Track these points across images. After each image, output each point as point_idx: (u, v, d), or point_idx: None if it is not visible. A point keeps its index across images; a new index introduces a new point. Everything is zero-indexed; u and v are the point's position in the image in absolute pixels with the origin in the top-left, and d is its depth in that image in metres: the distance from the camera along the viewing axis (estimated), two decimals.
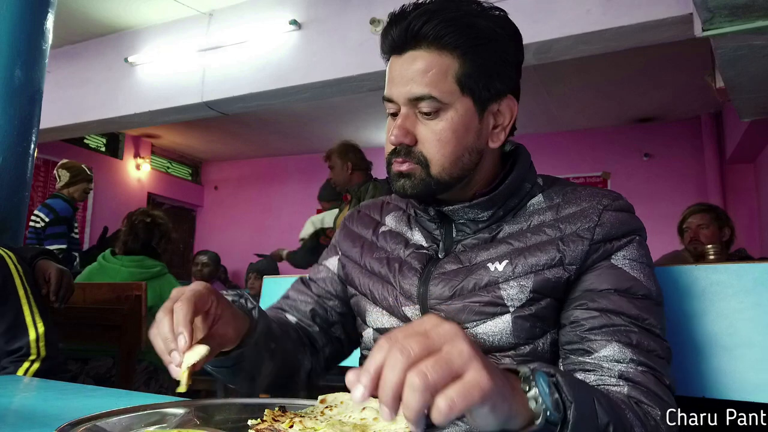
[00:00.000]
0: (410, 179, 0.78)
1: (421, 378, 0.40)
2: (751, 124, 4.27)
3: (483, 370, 0.43)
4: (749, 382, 0.84)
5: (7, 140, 2.30)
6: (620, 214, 0.76)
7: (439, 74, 0.74)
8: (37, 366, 1.34)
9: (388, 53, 0.80)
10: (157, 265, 2.35)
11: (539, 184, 0.84)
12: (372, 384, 0.43)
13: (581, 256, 0.73)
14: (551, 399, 0.50)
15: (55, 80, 4.55)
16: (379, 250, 0.90)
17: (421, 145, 0.76)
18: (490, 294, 0.75)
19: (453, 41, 0.74)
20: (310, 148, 7.41)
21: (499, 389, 0.44)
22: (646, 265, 0.75)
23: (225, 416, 0.60)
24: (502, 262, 0.76)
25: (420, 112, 0.76)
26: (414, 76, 0.75)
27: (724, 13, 2.36)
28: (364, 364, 0.44)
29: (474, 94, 0.76)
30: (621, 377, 0.66)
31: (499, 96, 0.78)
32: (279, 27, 4.00)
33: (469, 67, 0.75)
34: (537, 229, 0.77)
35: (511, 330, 0.74)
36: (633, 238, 0.76)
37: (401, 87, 0.76)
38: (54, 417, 0.61)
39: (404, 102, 0.76)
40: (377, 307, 0.86)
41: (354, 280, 0.91)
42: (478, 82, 0.76)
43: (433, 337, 0.44)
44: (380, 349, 0.44)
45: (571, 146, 6.27)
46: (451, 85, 0.75)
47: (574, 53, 3.27)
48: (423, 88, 0.74)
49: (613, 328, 0.69)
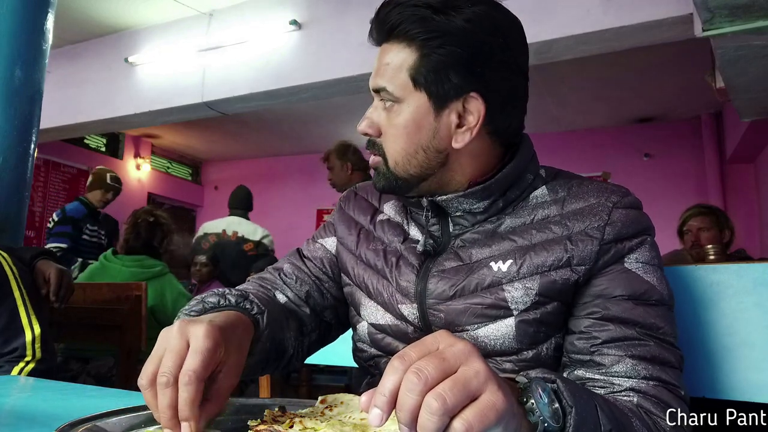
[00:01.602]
0: (377, 173, 0.78)
1: (440, 401, 0.40)
2: (751, 124, 4.27)
3: (499, 391, 0.42)
4: (749, 382, 0.84)
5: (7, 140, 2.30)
6: (630, 211, 0.72)
7: (395, 67, 0.73)
8: (32, 367, 1.34)
9: (376, 46, 0.79)
10: (158, 265, 2.35)
11: (542, 176, 0.80)
12: (388, 407, 0.42)
13: (591, 257, 0.69)
14: (550, 409, 0.49)
15: (55, 80, 4.55)
16: (375, 241, 0.85)
17: (383, 137, 0.76)
18: (494, 295, 0.71)
19: (409, 32, 0.72)
20: (310, 148, 7.41)
21: (511, 406, 0.44)
22: (658, 267, 0.72)
23: (225, 416, 0.60)
24: (506, 261, 0.72)
25: (384, 104, 0.76)
26: (380, 67, 0.75)
27: (724, 13, 2.36)
28: (378, 386, 0.43)
29: (426, 89, 0.72)
30: (632, 390, 0.65)
31: (458, 94, 0.72)
32: (279, 27, 4.00)
33: (423, 61, 0.72)
34: (542, 226, 0.73)
35: (514, 334, 0.70)
36: (645, 238, 0.72)
37: (372, 78, 0.76)
38: (54, 417, 0.61)
39: (374, 93, 0.77)
40: (372, 301, 0.82)
41: (348, 270, 0.87)
42: (428, 77, 0.72)
43: (448, 358, 0.43)
44: (395, 371, 0.43)
45: (571, 146, 6.26)
46: (404, 79, 0.73)
47: (574, 53, 3.27)
48: (381, 81, 0.74)
49: (626, 342, 0.66)
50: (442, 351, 0.44)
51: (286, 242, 6.94)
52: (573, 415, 0.50)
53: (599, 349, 0.67)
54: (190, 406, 0.51)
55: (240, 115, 5.39)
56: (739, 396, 0.84)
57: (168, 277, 2.37)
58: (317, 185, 6.80)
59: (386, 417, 0.43)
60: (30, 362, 1.33)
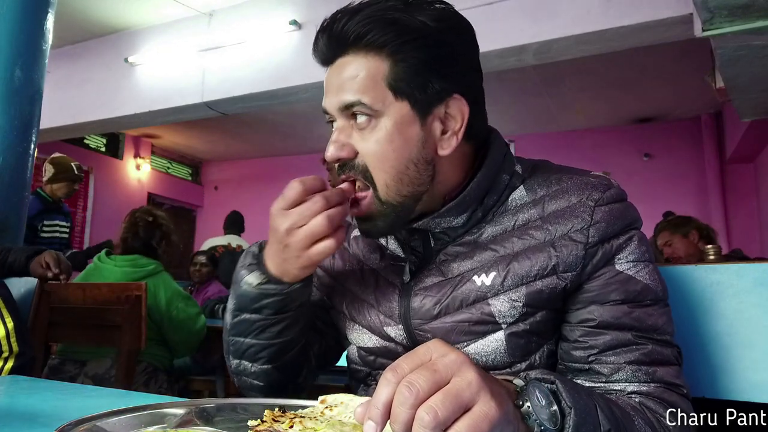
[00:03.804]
0: (367, 216, 0.70)
1: (432, 415, 0.40)
2: (751, 124, 4.28)
3: (492, 401, 0.42)
4: (749, 382, 0.84)
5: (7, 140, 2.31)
6: (614, 207, 0.68)
7: (368, 79, 0.67)
8: (11, 364, 1.34)
9: (322, 65, 0.73)
10: (151, 264, 2.34)
11: (518, 173, 0.74)
12: (382, 420, 0.43)
13: (577, 263, 0.66)
14: (547, 411, 0.49)
15: (55, 80, 4.55)
16: (351, 258, 0.82)
17: (361, 158, 0.68)
18: (479, 311, 0.68)
19: (377, 40, 0.66)
20: (310, 148, 7.42)
21: (505, 414, 0.44)
22: (649, 262, 0.69)
23: (225, 416, 0.60)
24: (489, 274, 0.68)
25: (355, 122, 0.68)
26: (343, 83, 0.68)
27: (724, 13, 2.36)
28: (372, 399, 0.43)
29: (409, 97, 0.67)
30: (633, 393, 0.64)
31: (441, 97, 0.68)
32: (279, 27, 4.00)
33: (400, 67, 0.66)
34: (523, 232, 0.70)
35: (505, 348, 0.68)
36: (632, 234, 0.69)
37: (333, 97, 0.69)
38: (54, 417, 0.61)
39: (337, 112, 0.69)
40: (357, 325, 0.79)
41: (329, 295, 0.84)
42: (410, 83, 0.67)
43: (440, 369, 0.43)
44: (387, 383, 0.43)
45: (571, 146, 6.27)
46: (382, 90, 0.67)
47: (574, 53, 3.27)
48: (352, 95, 0.67)
49: (623, 348, 0.65)
50: (434, 362, 0.44)
51: None
52: (572, 416, 0.50)
53: (597, 358, 0.66)
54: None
55: (240, 115, 5.39)
56: (739, 396, 0.84)
57: (162, 276, 2.35)
58: None
59: (380, 429, 0.43)
60: (8, 358, 1.34)
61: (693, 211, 5.57)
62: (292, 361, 0.79)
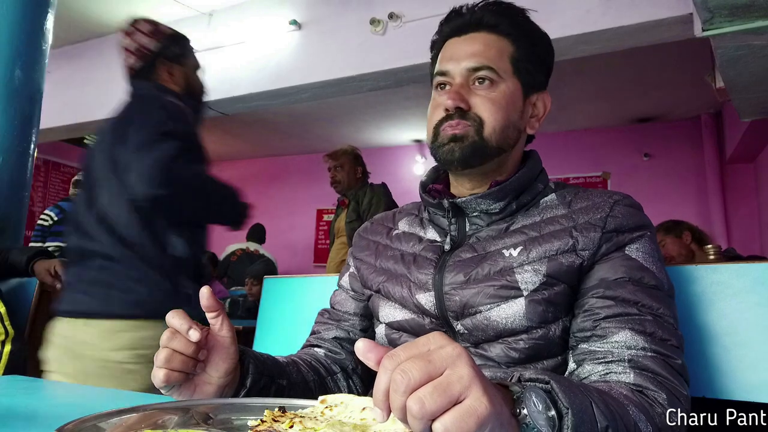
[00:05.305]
0: (461, 141, 0.83)
1: (419, 405, 0.41)
2: (751, 124, 4.27)
3: (482, 397, 0.43)
4: (749, 382, 0.84)
5: (7, 140, 2.31)
6: (631, 209, 0.80)
7: (497, 52, 0.85)
8: (9, 348, 1.35)
9: (447, 36, 0.90)
10: None
11: (551, 187, 0.88)
12: (384, 405, 0.44)
13: (594, 243, 0.76)
14: (545, 416, 0.49)
15: (55, 80, 4.55)
16: (393, 250, 0.92)
17: (475, 109, 0.83)
18: (505, 278, 0.77)
19: (507, 29, 0.86)
20: (310, 148, 7.41)
21: (497, 414, 0.44)
22: (658, 260, 0.78)
23: (225, 416, 0.60)
24: (517, 249, 0.79)
25: (477, 81, 0.84)
26: (475, 51, 0.85)
27: (724, 13, 2.36)
28: (374, 385, 0.45)
29: (522, 77, 0.86)
30: (629, 363, 0.68)
31: (540, 87, 0.89)
32: (279, 27, 4.00)
33: (521, 52, 0.86)
34: (550, 221, 0.81)
35: (524, 313, 0.75)
36: (645, 233, 0.79)
37: (461, 60, 0.85)
38: (54, 417, 0.61)
39: (461, 73, 0.85)
40: (389, 301, 0.88)
41: (368, 281, 0.93)
42: (527, 66, 0.86)
43: (434, 360, 0.44)
44: (384, 371, 0.44)
45: (571, 146, 6.27)
46: (507, 64, 0.85)
47: (574, 53, 3.27)
48: (484, 60, 0.84)
49: (627, 317, 0.71)
50: (430, 353, 0.44)
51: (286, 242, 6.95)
52: (570, 417, 0.50)
53: (600, 324, 0.72)
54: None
55: (240, 115, 5.39)
56: (739, 396, 0.84)
57: None
58: (317, 185, 6.80)
59: (385, 414, 0.44)
60: (6, 341, 1.35)
61: (693, 211, 5.57)
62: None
